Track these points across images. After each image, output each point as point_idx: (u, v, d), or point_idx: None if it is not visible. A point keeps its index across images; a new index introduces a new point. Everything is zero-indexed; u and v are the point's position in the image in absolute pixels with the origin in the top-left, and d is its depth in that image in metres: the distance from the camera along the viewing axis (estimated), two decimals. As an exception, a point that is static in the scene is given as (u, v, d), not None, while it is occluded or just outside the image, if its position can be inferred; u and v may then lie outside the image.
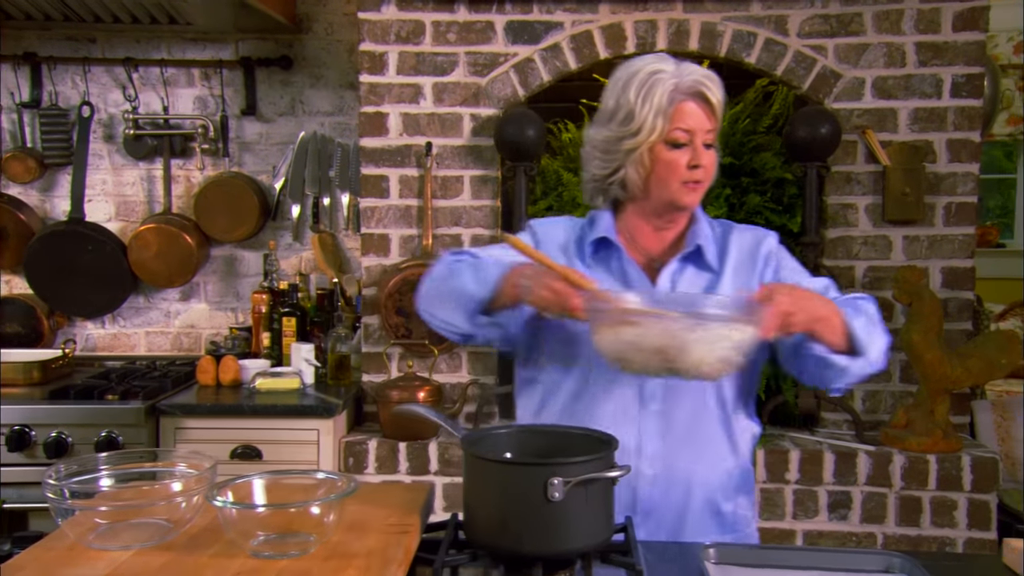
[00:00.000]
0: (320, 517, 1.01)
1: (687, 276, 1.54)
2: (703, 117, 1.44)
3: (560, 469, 1.10)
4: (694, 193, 1.48)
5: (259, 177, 3.28)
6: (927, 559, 1.28)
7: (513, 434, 1.29)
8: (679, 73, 1.44)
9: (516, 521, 1.11)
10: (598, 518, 1.16)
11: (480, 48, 2.75)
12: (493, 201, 2.79)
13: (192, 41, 3.26)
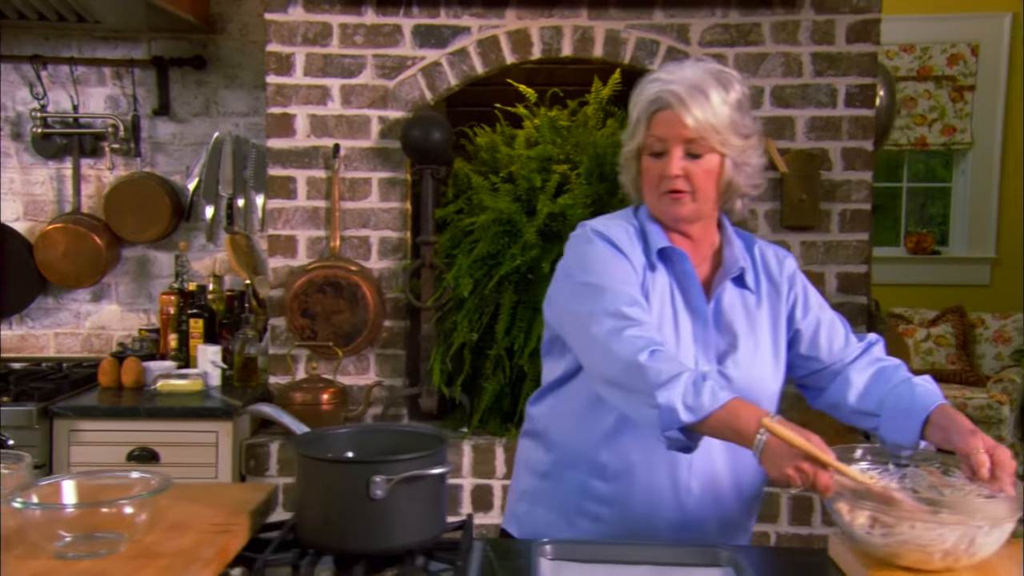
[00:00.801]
0: (131, 516, 1.01)
1: (731, 297, 1.50)
2: (679, 125, 1.39)
3: (382, 467, 1.12)
4: (677, 204, 1.44)
5: (172, 178, 3.25)
6: (756, 553, 1.32)
7: (355, 434, 1.30)
8: (668, 80, 1.42)
9: (341, 519, 1.13)
10: (425, 515, 1.17)
11: (388, 51, 2.76)
12: (402, 203, 2.81)
13: (103, 40, 3.23)
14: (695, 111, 1.39)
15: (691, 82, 1.41)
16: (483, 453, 2.62)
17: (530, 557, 1.27)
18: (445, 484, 1.22)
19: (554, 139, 2.88)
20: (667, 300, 1.47)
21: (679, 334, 1.45)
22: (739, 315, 1.49)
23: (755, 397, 1.40)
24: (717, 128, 1.41)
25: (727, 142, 1.42)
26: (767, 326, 1.51)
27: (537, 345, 2.56)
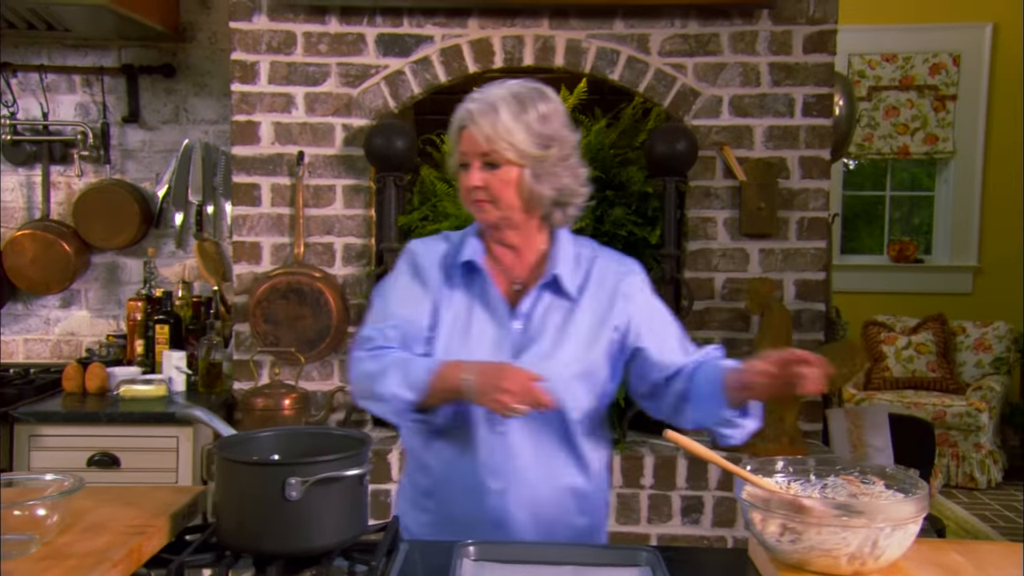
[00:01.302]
0: (42, 518, 1.03)
1: (545, 304, 1.58)
2: (476, 141, 1.52)
3: (297, 468, 1.14)
4: (481, 212, 1.56)
5: (142, 184, 3.27)
6: (676, 554, 1.34)
7: (281, 436, 1.32)
8: (471, 100, 1.55)
9: (257, 520, 1.15)
10: (343, 517, 1.19)
11: (351, 59, 2.79)
12: (366, 210, 2.83)
13: (73, 48, 3.25)
14: (485, 127, 1.51)
15: (486, 101, 1.54)
16: (444, 458, 2.63)
17: (452, 558, 1.29)
18: (365, 486, 1.24)
19: (519, 147, 2.91)
20: (463, 312, 1.58)
21: (473, 341, 1.56)
22: (553, 319, 1.57)
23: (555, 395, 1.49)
24: (510, 141, 1.51)
25: (524, 154, 1.52)
26: (582, 332, 1.58)
27: (497, 351, 2.59)
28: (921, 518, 1.21)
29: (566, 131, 1.57)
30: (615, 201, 2.80)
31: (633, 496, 2.63)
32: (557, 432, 1.57)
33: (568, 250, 1.62)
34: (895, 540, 1.19)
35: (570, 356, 1.56)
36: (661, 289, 2.67)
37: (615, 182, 2.84)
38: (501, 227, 1.58)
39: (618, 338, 1.60)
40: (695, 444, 1.32)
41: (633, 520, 2.64)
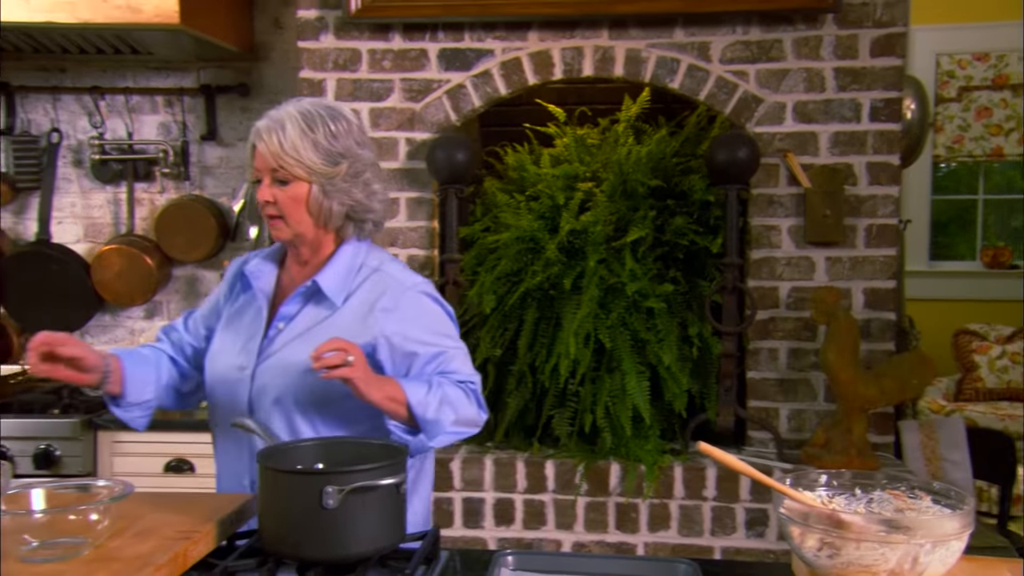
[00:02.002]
0: (94, 523, 1.09)
1: (307, 312, 1.66)
2: (265, 157, 1.60)
3: (334, 478, 1.18)
4: (274, 229, 1.65)
5: (219, 199, 3.41)
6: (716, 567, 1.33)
7: (322, 446, 1.36)
8: (262, 118, 1.63)
9: (296, 528, 1.19)
10: (379, 525, 1.23)
11: (414, 75, 2.85)
12: (428, 222, 2.88)
13: (156, 70, 3.41)
14: (272, 144, 1.58)
15: (275, 118, 1.61)
16: (505, 467, 2.66)
17: (490, 567, 1.31)
18: (402, 495, 1.27)
19: (582, 157, 2.92)
20: (235, 313, 1.74)
21: (230, 344, 1.71)
22: (309, 325, 1.65)
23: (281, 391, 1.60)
24: (297, 158, 1.57)
25: (311, 170, 1.58)
26: (334, 333, 1.57)
27: (557, 361, 2.60)
28: (966, 535, 1.18)
29: (359, 149, 1.64)
30: (676, 210, 2.78)
31: (695, 508, 2.60)
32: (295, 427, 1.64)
33: (344, 261, 1.67)
34: (937, 557, 1.16)
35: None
36: (724, 299, 2.65)
37: (676, 191, 2.82)
38: (295, 243, 1.68)
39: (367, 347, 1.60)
40: (729, 457, 1.31)
41: (696, 532, 2.61)
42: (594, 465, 2.62)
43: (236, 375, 1.67)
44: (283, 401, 1.60)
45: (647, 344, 2.62)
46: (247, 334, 1.69)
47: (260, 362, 1.65)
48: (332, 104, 1.67)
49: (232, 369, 1.68)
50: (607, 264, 2.66)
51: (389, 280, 1.68)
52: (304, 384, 1.59)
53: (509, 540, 2.64)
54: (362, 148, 1.65)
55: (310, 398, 1.59)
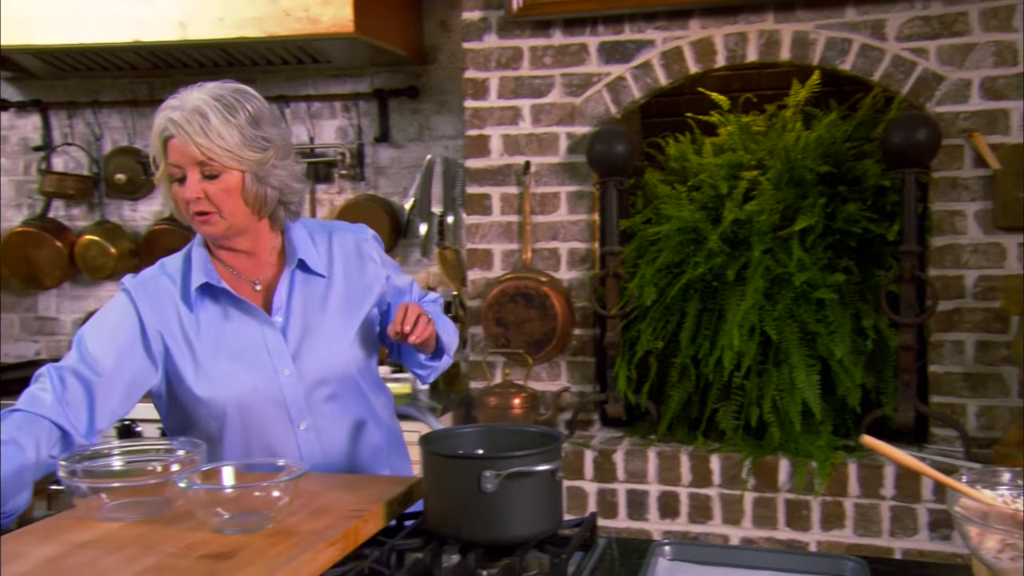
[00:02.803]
0: (276, 499, 1.19)
1: (300, 289, 1.64)
2: (189, 151, 1.46)
3: (491, 463, 1.22)
4: (207, 225, 1.52)
5: (392, 198, 3.57)
6: (889, 567, 1.28)
7: (483, 432, 1.42)
8: (174, 107, 1.47)
9: (457, 510, 1.25)
10: (536, 509, 1.26)
11: (574, 69, 2.88)
12: (588, 216, 2.90)
13: (333, 77, 3.61)
14: (197, 137, 1.45)
15: (191, 108, 1.46)
16: (669, 460, 2.64)
17: (647, 556, 1.32)
18: (558, 482, 1.30)
19: (747, 145, 2.85)
20: (216, 331, 1.58)
21: (242, 352, 1.57)
22: (313, 303, 1.63)
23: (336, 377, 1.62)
24: (226, 148, 1.46)
25: (242, 159, 1.48)
26: (339, 307, 1.65)
27: (721, 354, 2.56)
28: None
29: (275, 129, 1.56)
30: (848, 197, 2.66)
31: (872, 507, 2.49)
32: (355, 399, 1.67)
33: (302, 235, 1.65)
34: None
35: (339, 328, 1.63)
36: (901, 288, 2.51)
37: (849, 177, 2.70)
38: (229, 236, 1.56)
39: (375, 297, 1.70)
40: (896, 451, 1.25)
41: (873, 532, 2.50)
42: (762, 460, 2.56)
43: (275, 382, 1.58)
44: (329, 382, 1.63)
45: (817, 336, 2.53)
46: (255, 339, 1.59)
47: (300, 358, 1.60)
48: (239, 85, 1.56)
49: (265, 380, 1.57)
50: (773, 254, 2.58)
51: (348, 236, 1.72)
52: (345, 361, 1.64)
53: (675, 533, 2.63)
54: (277, 127, 1.58)
55: (346, 374, 1.65)
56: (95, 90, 3.75)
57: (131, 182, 3.73)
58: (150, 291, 1.59)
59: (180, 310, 1.59)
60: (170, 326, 1.58)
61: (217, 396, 1.55)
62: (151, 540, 1.17)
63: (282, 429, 1.59)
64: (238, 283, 1.63)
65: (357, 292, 1.68)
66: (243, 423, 1.57)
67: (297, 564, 1.08)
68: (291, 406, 1.59)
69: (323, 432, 1.63)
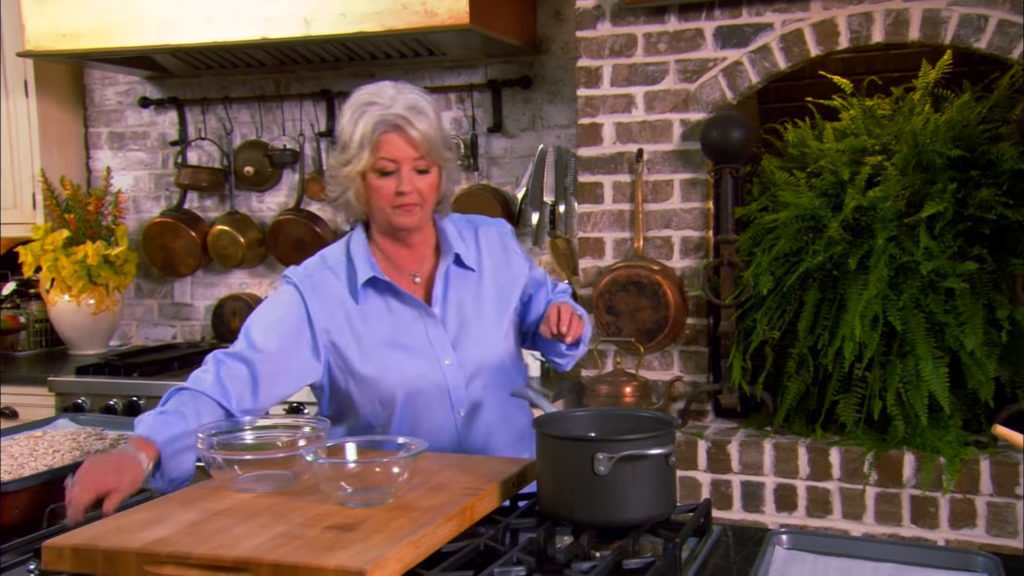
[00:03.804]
0: (396, 475, 1.24)
1: (454, 282, 1.73)
2: (407, 147, 1.56)
3: (604, 445, 1.24)
4: (409, 216, 1.62)
5: (504, 188, 3.61)
6: (1022, 564, 1.22)
7: (595, 416, 1.43)
8: (388, 104, 1.56)
9: (570, 491, 1.27)
10: (649, 493, 1.27)
11: (689, 55, 2.84)
12: (702, 203, 2.87)
13: (449, 69, 3.68)
14: (423, 132, 1.56)
15: (410, 103, 1.57)
16: (786, 452, 2.59)
17: (764, 544, 1.31)
18: (671, 467, 1.30)
19: (871, 129, 2.76)
20: (382, 321, 1.66)
21: (408, 344, 1.66)
22: (467, 296, 1.72)
23: (491, 367, 1.71)
24: (436, 144, 1.60)
25: (444, 157, 1.63)
26: (492, 300, 1.75)
27: (841, 344, 2.49)
28: None
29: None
30: (981, 182, 2.53)
31: (1007, 506, 2.38)
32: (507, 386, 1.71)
33: (453, 230, 1.74)
34: None
35: (492, 321, 1.73)
36: (1040, 278, 2.38)
37: (982, 161, 2.57)
38: (419, 227, 1.68)
39: (520, 290, 1.80)
40: None
41: (1009, 533, 2.38)
42: (885, 454, 2.48)
43: (439, 370, 1.67)
44: (484, 372, 1.71)
45: (946, 327, 2.42)
46: (418, 330, 1.67)
47: (458, 349, 1.69)
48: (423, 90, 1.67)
49: (431, 368, 1.66)
50: (898, 242, 2.49)
51: (492, 230, 1.81)
52: (499, 352, 1.74)
53: (792, 527, 2.57)
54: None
55: (500, 364, 1.74)
56: (226, 87, 3.94)
57: (258, 174, 3.90)
58: (317, 286, 1.67)
59: (346, 303, 1.67)
60: (337, 320, 1.66)
61: (387, 384, 1.64)
62: (280, 510, 1.24)
63: (444, 415, 1.68)
64: (399, 276, 1.72)
65: (505, 285, 1.78)
66: (411, 409, 1.66)
67: (416, 537, 1.13)
68: (453, 393, 1.68)
69: (480, 418, 1.72)
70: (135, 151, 4.10)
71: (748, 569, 1.23)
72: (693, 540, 1.33)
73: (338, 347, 1.65)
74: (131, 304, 4.11)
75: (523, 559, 1.16)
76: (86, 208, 3.79)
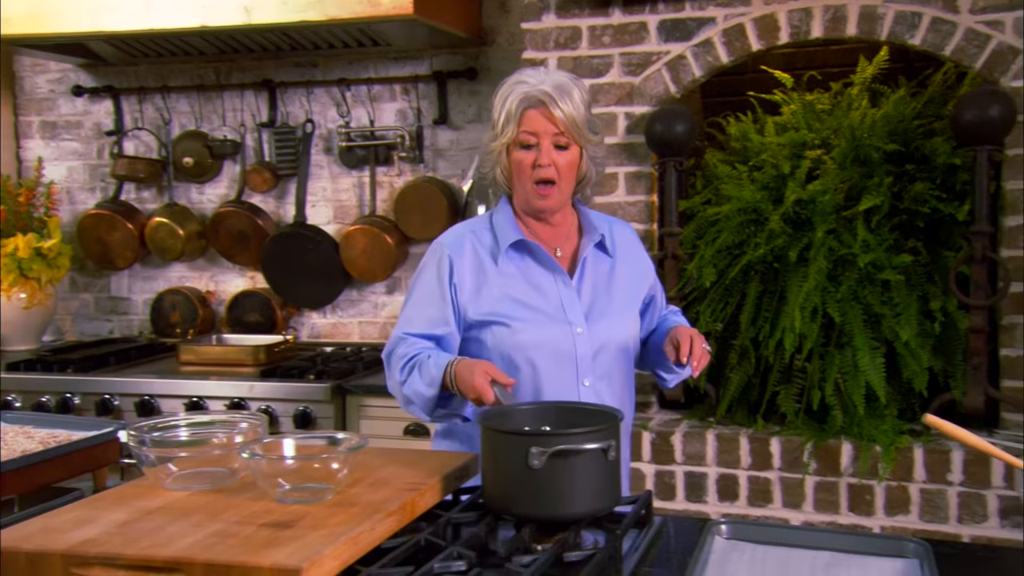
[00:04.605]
0: (335, 471, 1.22)
1: (592, 262, 1.76)
2: (547, 122, 1.63)
3: (539, 440, 1.23)
4: (547, 199, 1.68)
5: (451, 180, 3.59)
6: (954, 549, 1.25)
7: (543, 410, 1.42)
8: (536, 83, 1.65)
9: (508, 486, 1.26)
10: (587, 488, 1.26)
11: (633, 48, 2.85)
12: (647, 196, 2.88)
13: (393, 60, 3.64)
14: (565, 109, 1.62)
15: (556, 83, 1.65)
16: (728, 443, 2.62)
17: (703, 534, 1.32)
18: (613, 461, 1.30)
19: (811, 124, 2.80)
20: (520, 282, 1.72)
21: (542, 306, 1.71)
22: (601, 278, 1.79)
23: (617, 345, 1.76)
24: (578, 123, 1.65)
25: (586, 137, 1.68)
26: (623, 285, 1.81)
27: (782, 336, 2.52)
28: None
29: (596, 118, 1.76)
30: (916, 176, 2.59)
31: (939, 493, 2.44)
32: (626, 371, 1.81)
33: (592, 217, 1.82)
34: None
35: (624, 302, 1.79)
36: (972, 269, 2.44)
37: (917, 156, 2.63)
38: (559, 209, 1.73)
39: (648, 286, 1.89)
40: (961, 431, 1.22)
41: (940, 519, 2.44)
42: (824, 443, 2.52)
43: (570, 336, 1.71)
44: (610, 348, 1.74)
45: (882, 319, 2.48)
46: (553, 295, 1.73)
47: (590, 321, 1.73)
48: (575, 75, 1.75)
49: (563, 332, 1.71)
50: (837, 235, 2.53)
51: (626, 228, 1.90)
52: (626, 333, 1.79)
53: (734, 516, 2.60)
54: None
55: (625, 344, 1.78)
56: (164, 75, 3.85)
57: (198, 165, 3.82)
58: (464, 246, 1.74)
59: (486, 264, 1.73)
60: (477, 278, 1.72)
61: (518, 342, 1.69)
62: (216, 508, 1.21)
63: (568, 382, 1.71)
64: (541, 245, 1.77)
65: (637, 276, 1.87)
66: (535, 371, 1.69)
67: (356, 534, 1.11)
68: (580, 362, 1.71)
69: (601, 392, 1.74)
70: (68, 141, 3.98)
71: (688, 560, 1.24)
72: (634, 531, 1.33)
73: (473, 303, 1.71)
74: (65, 298, 4.00)
75: (464, 553, 1.15)
76: (16, 199, 3.67)
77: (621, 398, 1.79)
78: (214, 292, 3.90)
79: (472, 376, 1.49)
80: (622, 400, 1.80)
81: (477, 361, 1.57)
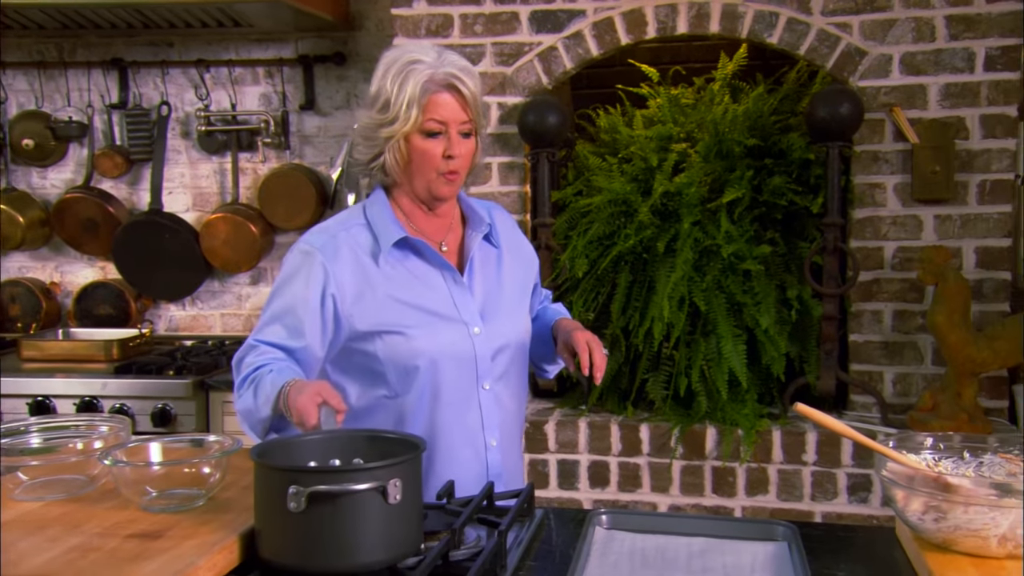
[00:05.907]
0: (207, 476, 1.15)
1: (481, 256, 1.67)
2: (457, 108, 1.50)
3: (298, 477, 1.01)
4: (451, 185, 1.56)
5: (318, 168, 3.49)
6: (816, 530, 1.31)
7: (339, 439, 1.22)
8: (436, 64, 1.49)
9: (269, 532, 1.06)
10: (358, 537, 1.03)
11: (506, 38, 2.84)
12: (520, 187, 2.89)
13: (257, 42, 3.50)
14: (475, 91, 1.52)
15: (459, 64, 1.51)
16: (599, 430, 2.67)
17: (584, 525, 1.33)
18: (392, 505, 1.06)
19: (676, 118, 2.87)
20: (408, 285, 1.56)
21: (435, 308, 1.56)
22: (491, 271, 1.67)
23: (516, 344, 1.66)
24: (481, 109, 1.56)
25: (481, 122, 1.58)
26: (513, 278, 1.70)
27: (651, 325, 2.58)
28: None
29: None
30: (774, 170, 2.71)
31: (795, 473, 2.57)
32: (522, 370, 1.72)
33: (474, 206, 1.70)
34: None
35: (516, 297, 1.70)
36: (825, 260, 2.57)
37: (775, 150, 2.75)
38: (446, 200, 1.60)
39: (534, 274, 1.80)
40: (828, 418, 1.29)
41: (796, 497, 2.57)
42: (690, 429, 2.61)
43: (467, 338, 1.58)
44: (508, 348, 1.64)
45: (744, 307, 2.58)
46: (445, 296, 1.58)
47: (485, 320, 1.60)
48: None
49: (459, 335, 1.57)
50: (702, 226, 2.62)
51: (504, 214, 1.79)
52: (522, 329, 1.69)
53: (604, 502, 2.66)
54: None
55: (522, 341, 1.68)
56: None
57: (40, 148, 3.56)
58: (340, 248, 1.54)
59: (368, 267, 1.55)
60: (359, 283, 1.53)
61: (414, 349, 1.53)
62: (75, 519, 1.13)
63: (467, 387, 1.59)
64: (427, 243, 1.62)
65: (524, 266, 1.76)
66: (433, 378, 1.55)
67: (230, 543, 1.05)
68: (479, 364, 1.59)
69: (500, 394, 1.64)
70: None
71: (571, 551, 1.25)
72: (517, 525, 1.33)
73: (357, 312, 1.53)
74: None
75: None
76: None
77: (519, 398, 1.72)
78: (59, 283, 3.65)
79: (300, 395, 1.30)
80: (520, 400, 1.72)
81: (313, 381, 1.37)
